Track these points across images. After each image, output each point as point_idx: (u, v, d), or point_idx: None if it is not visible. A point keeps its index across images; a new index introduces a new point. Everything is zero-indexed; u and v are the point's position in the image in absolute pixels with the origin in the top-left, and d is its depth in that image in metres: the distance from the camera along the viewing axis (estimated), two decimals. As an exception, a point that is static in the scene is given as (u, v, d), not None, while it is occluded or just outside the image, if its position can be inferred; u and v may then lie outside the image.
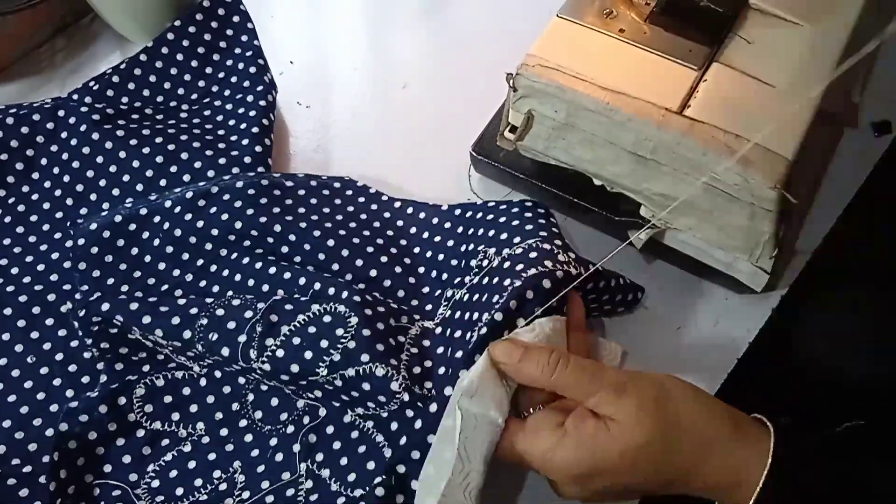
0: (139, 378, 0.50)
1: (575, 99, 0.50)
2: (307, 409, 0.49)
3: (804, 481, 0.39)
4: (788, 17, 0.55)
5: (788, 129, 0.50)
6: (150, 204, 0.54)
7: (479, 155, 0.58)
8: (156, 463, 0.48)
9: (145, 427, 0.49)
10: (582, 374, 0.41)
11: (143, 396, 0.49)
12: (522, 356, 0.42)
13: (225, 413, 0.50)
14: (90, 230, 0.53)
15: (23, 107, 0.59)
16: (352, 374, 0.45)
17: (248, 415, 0.49)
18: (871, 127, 0.61)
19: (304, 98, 0.65)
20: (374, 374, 0.45)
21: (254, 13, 0.65)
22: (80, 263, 0.53)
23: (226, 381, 0.50)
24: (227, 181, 0.54)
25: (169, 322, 0.48)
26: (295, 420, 0.49)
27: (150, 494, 0.47)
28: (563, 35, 0.54)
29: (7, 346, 0.52)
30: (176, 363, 0.51)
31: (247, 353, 0.46)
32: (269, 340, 0.46)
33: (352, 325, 0.46)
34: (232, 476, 0.48)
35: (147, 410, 0.49)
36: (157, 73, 0.61)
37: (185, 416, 0.50)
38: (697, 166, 0.49)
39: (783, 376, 0.48)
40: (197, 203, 0.53)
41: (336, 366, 0.45)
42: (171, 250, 0.53)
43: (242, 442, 0.49)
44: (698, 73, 0.52)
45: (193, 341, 0.47)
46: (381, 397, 0.45)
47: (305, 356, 0.46)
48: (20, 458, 0.48)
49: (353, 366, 0.45)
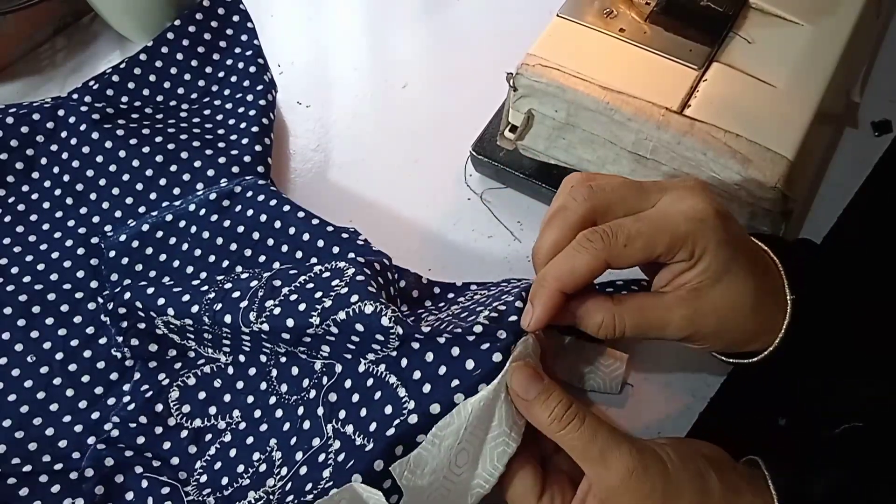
0: (171, 381, 0.50)
1: (575, 98, 0.50)
2: (325, 370, 0.48)
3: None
4: (789, 16, 0.55)
5: (788, 129, 0.50)
6: (176, 210, 0.54)
7: (479, 155, 0.58)
8: (202, 459, 0.48)
9: (187, 427, 0.49)
10: (592, 443, 0.38)
11: (178, 399, 0.50)
12: (539, 395, 0.38)
13: (256, 395, 0.50)
14: (119, 242, 0.54)
15: (23, 106, 0.59)
16: (342, 318, 0.44)
17: (275, 390, 0.50)
18: (871, 127, 0.61)
19: (304, 98, 0.65)
20: (363, 312, 0.43)
21: (254, 13, 0.65)
22: (111, 275, 0.53)
23: (250, 362, 0.50)
24: (249, 180, 0.54)
25: (179, 300, 0.48)
26: (315, 384, 0.48)
27: (198, 489, 0.47)
28: (563, 35, 0.54)
29: (7, 346, 0.52)
30: (204, 357, 0.51)
31: (247, 317, 0.46)
32: (269, 302, 0.46)
33: (348, 275, 0.46)
34: (270, 455, 0.47)
35: (185, 411, 0.50)
36: (157, 72, 0.61)
37: (221, 408, 0.50)
38: (697, 166, 0.49)
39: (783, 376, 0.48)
40: (222, 203, 0.53)
41: (327, 312, 0.44)
42: (199, 253, 0.53)
43: (274, 419, 0.49)
44: (698, 73, 0.52)
45: (201, 314, 0.47)
46: (379, 335, 0.44)
47: (299, 308, 0.45)
48: (20, 457, 0.48)
49: (343, 308, 0.44)
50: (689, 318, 0.40)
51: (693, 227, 0.38)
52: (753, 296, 0.40)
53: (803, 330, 0.42)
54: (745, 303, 0.40)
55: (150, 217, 0.55)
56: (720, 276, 0.39)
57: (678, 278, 0.40)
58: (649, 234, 0.38)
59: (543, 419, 0.38)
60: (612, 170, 0.52)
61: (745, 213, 0.49)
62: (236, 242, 0.53)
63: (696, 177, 0.38)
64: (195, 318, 0.48)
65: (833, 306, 0.43)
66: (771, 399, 0.50)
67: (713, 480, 0.39)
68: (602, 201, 0.40)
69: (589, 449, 0.38)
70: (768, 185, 0.47)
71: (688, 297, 0.40)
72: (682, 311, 0.40)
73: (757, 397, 0.51)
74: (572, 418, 0.38)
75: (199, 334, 0.49)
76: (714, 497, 0.38)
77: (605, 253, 0.38)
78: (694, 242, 0.39)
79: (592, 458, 0.38)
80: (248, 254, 0.53)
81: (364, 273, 0.46)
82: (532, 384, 0.39)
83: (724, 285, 0.40)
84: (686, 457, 0.39)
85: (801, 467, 0.40)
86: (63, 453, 0.49)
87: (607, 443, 0.38)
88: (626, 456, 0.38)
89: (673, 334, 0.41)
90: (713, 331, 0.40)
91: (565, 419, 0.38)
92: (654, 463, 0.38)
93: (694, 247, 0.39)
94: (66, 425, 0.50)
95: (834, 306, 0.43)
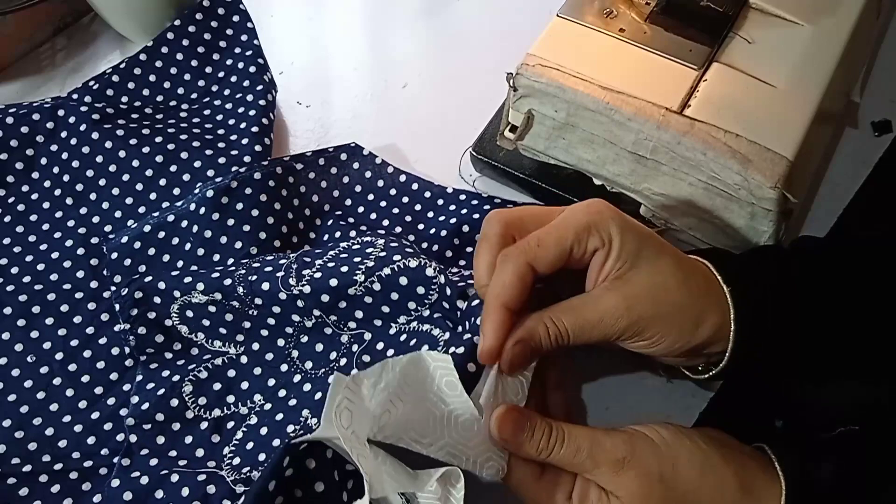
0: (181, 377, 0.50)
1: (575, 98, 0.50)
2: (353, 339, 0.49)
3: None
4: (789, 16, 0.55)
5: (788, 129, 0.50)
6: (177, 210, 0.54)
7: (479, 155, 0.58)
8: (229, 445, 0.48)
9: (207, 418, 0.49)
10: (578, 453, 0.40)
11: (192, 392, 0.50)
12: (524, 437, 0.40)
13: (276, 377, 0.50)
14: (121, 244, 0.54)
15: (23, 106, 0.59)
16: (388, 273, 0.47)
17: (298, 368, 0.50)
18: (871, 127, 0.61)
19: (304, 98, 0.65)
20: (408, 266, 0.47)
21: (254, 13, 0.65)
22: (115, 277, 0.53)
23: (266, 349, 0.51)
24: (245, 174, 0.54)
25: (209, 276, 0.49)
26: (346, 353, 0.49)
27: (234, 471, 0.47)
28: (563, 35, 0.54)
29: (7, 346, 0.52)
30: (210, 352, 0.51)
31: (286, 282, 0.48)
32: (307, 270, 0.48)
33: (380, 243, 0.49)
34: (306, 423, 0.47)
35: (201, 403, 0.49)
36: (157, 72, 0.61)
37: (239, 395, 0.50)
38: (697, 166, 0.49)
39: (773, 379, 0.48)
40: (220, 200, 0.53)
41: (371, 269, 0.47)
42: (203, 252, 0.53)
43: (302, 393, 0.49)
44: (698, 73, 0.52)
45: (234, 286, 0.48)
46: (420, 288, 0.47)
47: (341, 269, 0.47)
48: (20, 457, 0.48)
49: (388, 265, 0.47)
50: (623, 305, 0.41)
51: (593, 217, 0.41)
52: (678, 272, 0.42)
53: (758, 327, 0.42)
54: (672, 281, 0.41)
55: (152, 218, 0.55)
56: (637, 259, 0.41)
57: (600, 273, 0.42)
58: (557, 231, 0.41)
59: (533, 454, 0.40)
60: (612, 170, 0.52)
61: (745, 214, 0.49)
62: (240, 241, 0.53)
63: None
64: (226, 291, 0.48)
65: (833, 306, 0.43)
66: (767, 401, 0.51)
67: (715, 457, 0.40)
68: (512, 218, 0.43)
69: (578, 459, 0.40)
70: (768, 185, 0.47)
71: (612, 285, 0.41)
72: (612, 298, 0.41)
73: (755, 399, 0.51)
74: (555, 441, 0.40)
75: (219, 317, 0.49)
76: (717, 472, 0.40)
77: (523, 256, 0.41)
78: (598, 230, 0.41)
79: (586, 467, 0.40)
80: (254, 252, 0.53)
81: (396, 242, 0.49)
82: (517, 430, 0.40)
83: (644, 266, 0.41)
84: (679, 436, 0.41)
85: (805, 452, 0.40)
86: (63, 453, 0.49)
87: (593, 446, 0.40)
88: (613, 449, 0.40)
89: (610, 324, 0.41)
90: (651, 314, 0.41)
91: (550, 444, 0.40)
92: (644, 446, 0.40)
93: (600, 233, 0.41)
94: (66, 425, 0.50)
95: (834, 306, 0.43)
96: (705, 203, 0.50)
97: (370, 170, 0.59)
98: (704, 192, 0.50)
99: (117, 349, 0.52)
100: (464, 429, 0.40)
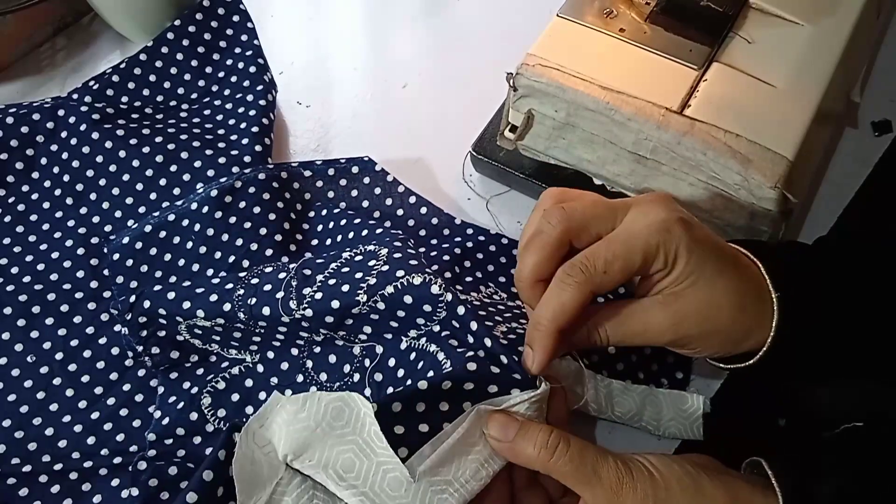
0: (200, 388, 0.50)
1: (575, 98, 0.50)
2: (365, 352, 0.49)
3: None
4: (788, 16, 0.55)
5: (788, 129, 0.50)
6: (178, 209, 0.54)
7: (479, 155, 0.58)
8: None
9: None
10: (582, 463, 0.38)
11: (211, 404, 0.50)
12: (518, 433, 0.39)
13: (294, 388, 0.50)
14: (123, 244, 0.54)
15: (23, 106, 0.59)
16: (391, 291, 0.45)
17: (314, 380, 0.50)
18: (871, 127, 0.61)
19: (304, 98, 0.65)
20: (412, 284, 0.45)
21: (254, 13, 0.65)
22: (117, 277, 0.53)
23: (281, 357, 0.50)
24: (249, 174, 0.54)
25: (207, 300, 0.48)
26: (358, 367, 0.49)
27: None
28: (563, 35, 0.54)
29: (7, 346, 0.52)
30: (228, 360, 0.51)
31: (287, 305, 0.46)
32: (307, 290, 0.47)
33: (382, 255, 0.47)
34: None
35: (220, 415, 0.49)
36: (157, 72, 0.61)
37: (257, 407, 0.49)
38: (697, 166, 0.49)
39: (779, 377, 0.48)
40: (224, 199, 0.53)
41: (374, 288, 0.45)
42: (204, 250, 0.53)
43: None
44: (698, 73, 0.52)
45: (234, 311, 0.47)
46: (427, 306, 0.45)
47: (343, 289, 0.46)
48: (20, 457, 0.48)
49: (390, 283, 0.45)
50: (670, 321, 0.41)
51: (661, 237, 0.40)
52: (734, 293, 0.41)
53: (798, 330, 0.42)
54: (726, 301, 0.41)
55: (153, 218, 0.55)
56: (696, 278, 0.40)
57: (657, 285, 0.42)
58: (624, 255, 0.40)
59: (531, 453, 0.39)
60: (612, 170, 0.52)
61: (745, 213, 0.49)
62: (242, 238, 0.53)
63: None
64: (228, 317, 0.47)
65: (833, 307, 0.43)
66: (769, 400, 0.50)
67: (704, 479, 0.39)
68: (575, 223, 0.41)
69: (581, 470, 0.39)
70: (768, 185, 0.47)
71: (666, 300, 0.41)
72: (661, 314, 0.41)
73: (756, 398, 0.51)
74: (557, 443, 0.39)
75: (228, 334, 0.49)
76: (706, 493, 0.39)
77: (588, 284, 0.39)
78: (666, 252, 0.40)
79: (586, 478, 0.39)
80: (255, 248, 0.53)
81: (399, 250, 0.47)
82: (509, 426, 0.40)
83: (701, 286, 0.41)
84: (668, 462, 0.40)
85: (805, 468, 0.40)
86: (63, 453, 0.49)
87: (596, 459, 0.39)
88: (614, 468, 0.39)
89: (654, 338, 0.41)
90: (698, 333, 0.41)
91: (551, 445, 0.39)
92: (640, 471, 0.39)
93: (666, 255, 0.40)
94: (66, 425, 0.50)
95: (834, 307, 0.43)
96: (705, 203, 0.50)
97: (380, 186, 0.58)
98: (704, 192, 0.50)
99: (117, 349, 0.52)
100: (390, 486, 0.39)
